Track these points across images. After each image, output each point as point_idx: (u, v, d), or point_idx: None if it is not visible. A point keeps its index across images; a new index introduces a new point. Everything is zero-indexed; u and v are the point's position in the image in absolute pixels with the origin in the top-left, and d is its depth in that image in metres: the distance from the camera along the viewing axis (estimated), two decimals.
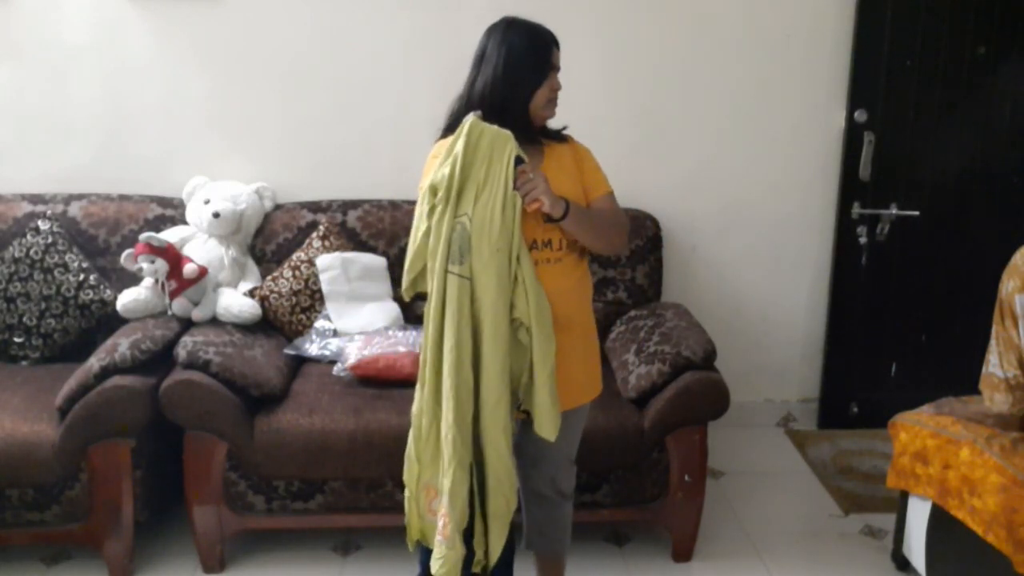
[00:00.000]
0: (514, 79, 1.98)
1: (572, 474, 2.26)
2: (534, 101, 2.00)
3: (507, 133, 1.91)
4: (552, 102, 2.05)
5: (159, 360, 2.56)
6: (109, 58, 3.12)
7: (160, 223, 3.02)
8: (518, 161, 1.91)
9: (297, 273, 2.95)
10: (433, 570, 1.95)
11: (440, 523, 1.95)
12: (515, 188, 1.90)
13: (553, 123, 2.10)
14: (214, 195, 2.99)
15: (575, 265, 2.07)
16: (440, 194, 1.91)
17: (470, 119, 1.90)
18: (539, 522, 2.29)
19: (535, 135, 2.05)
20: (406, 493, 2.06)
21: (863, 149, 3.26)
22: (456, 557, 1.94)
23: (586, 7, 3.17)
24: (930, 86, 3.25)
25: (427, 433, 1.98)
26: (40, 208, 2.98)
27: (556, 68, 2.04)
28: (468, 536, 1.99)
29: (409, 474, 2.05)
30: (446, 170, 1.90)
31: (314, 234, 3.03)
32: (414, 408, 2.02)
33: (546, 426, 1.97)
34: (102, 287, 2.88)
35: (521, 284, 1.92)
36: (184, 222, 3.04)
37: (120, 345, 2.52)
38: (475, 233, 1.89)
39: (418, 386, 2.01)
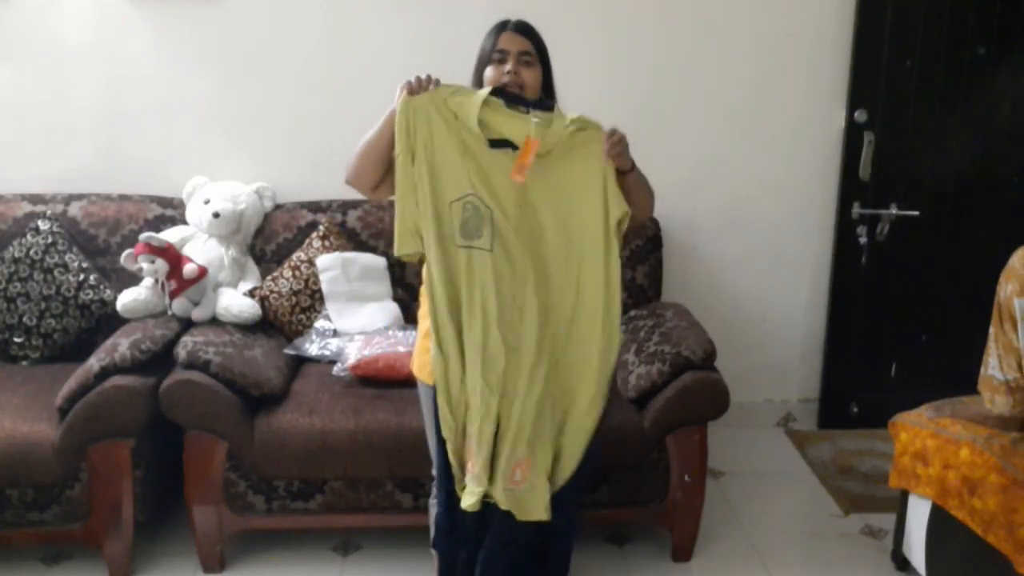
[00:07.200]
0: (477, 71, 2.02)
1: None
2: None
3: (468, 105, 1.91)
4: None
5: (159, 360, 2.55)
6: (109, 58, 3.12)
7: (160, 223, 3.02)
8: (521, 101, 1.94)
9: (297, 273, 2.95)
10: (464, 504, 1.95)
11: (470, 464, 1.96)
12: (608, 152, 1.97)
13: None
14: (214, 195, 2.99)
15: None
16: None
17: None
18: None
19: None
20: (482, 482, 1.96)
21: (863, 149, 3.26)
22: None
23: (586, 7, 3.17)
24: (930, 86, 3.25)
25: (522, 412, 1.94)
26: (40, 208, 2.98)
27: (505, 52, 1.97)
28: None
29: (507, 455, 1.96)
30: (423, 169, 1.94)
31: (314, 234, 3.03)
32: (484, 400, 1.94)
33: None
34: (102, 287, 2.88)
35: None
36: (184, 222, 3.04)
37: (120, 345, 2.52)
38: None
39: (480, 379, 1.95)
